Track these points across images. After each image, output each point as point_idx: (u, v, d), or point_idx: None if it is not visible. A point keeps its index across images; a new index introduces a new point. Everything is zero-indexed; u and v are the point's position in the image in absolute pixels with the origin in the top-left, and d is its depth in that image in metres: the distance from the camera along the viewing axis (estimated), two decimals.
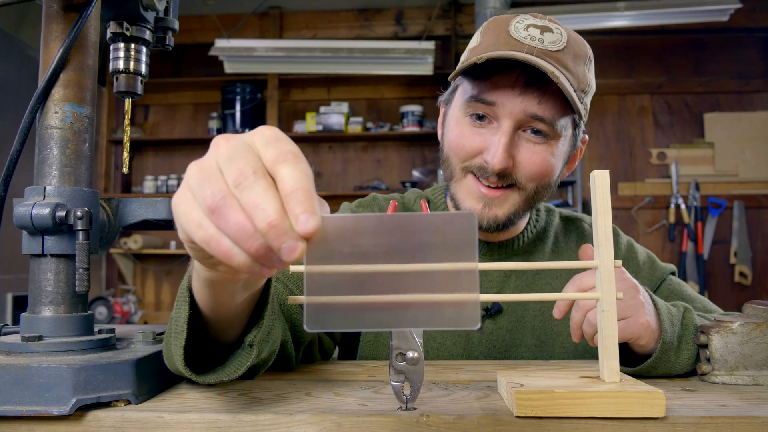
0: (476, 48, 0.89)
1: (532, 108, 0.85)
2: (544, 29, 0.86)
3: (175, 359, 0.57)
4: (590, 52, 0.91)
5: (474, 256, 0.39)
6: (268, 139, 0.39)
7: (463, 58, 0.93)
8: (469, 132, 0.89)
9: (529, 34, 0.85)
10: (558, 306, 0.73)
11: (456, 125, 0.92)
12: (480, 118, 0.88)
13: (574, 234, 1.08)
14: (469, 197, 0.91)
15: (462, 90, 0.92)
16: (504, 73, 0.85)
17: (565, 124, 0.89)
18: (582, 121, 0.93)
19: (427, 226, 0.40)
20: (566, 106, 0.87)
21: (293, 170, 0.37)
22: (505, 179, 0.88)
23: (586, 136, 0.99)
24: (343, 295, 0.39)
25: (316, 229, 0.35)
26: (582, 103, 0.87)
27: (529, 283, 1.01)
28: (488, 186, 0.89)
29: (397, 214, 0.41)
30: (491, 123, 0.88)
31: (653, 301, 0.76)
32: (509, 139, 0.86)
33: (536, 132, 0.87)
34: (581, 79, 0.86)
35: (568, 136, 0.91)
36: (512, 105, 0.85)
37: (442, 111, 1.01)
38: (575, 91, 0.84)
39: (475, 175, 0.90)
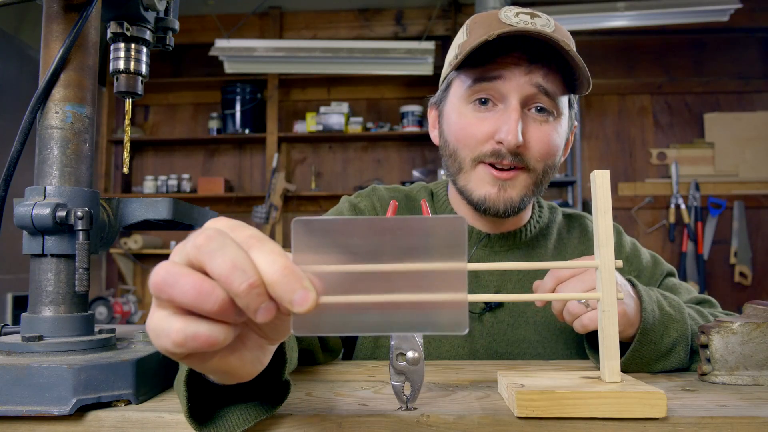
0: (467, 42, 0.90)
1: (538, 79, 0.87)
2: (533, 15, 0.88)
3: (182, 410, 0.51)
4: (573, 40, 0.93)
5: (463, 258, 0.39)
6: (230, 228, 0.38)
7: (453, 54, 0.94)
8: (475, 119, 0.90)
9: (521, 20, 0.87)
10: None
11: (459, 117, 0.92)
12: (484, 103, 0.89)
13: (577, 230, 1.08)
14: (483, 184, 0.91)
15: (460, 81, 0.93)
16: (505, 56, 0.87)
17: (565, 102, 0.92)
18: (576, 102, 0.96)
19: (416, 230, 0.39)
20: (566, 86, 0.89)
21: (264, 254, 0.36)
22: (518, 159, 0.89)
23: (576, 122, 1.01)
24: (333, 296, 0.39)
25: (314, 301, 0.35)
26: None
27: (530, 278, 1.00)
28: (501, 169, 0.90)
29: (387, 218, 0.40)
30: (496, 106, 0.89)
31: (632, 283, 0.80)
32: (519, 115, 0.87)
33: (541, 110, 0.89)
34: None
35: (567, 117, 0.94)
36: (518, 78, 0.87)
37: (433, 113, 1.02)
38: None
39: (485, 163, 0.91)
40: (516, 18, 0.87)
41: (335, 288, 0.39)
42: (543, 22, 0.87)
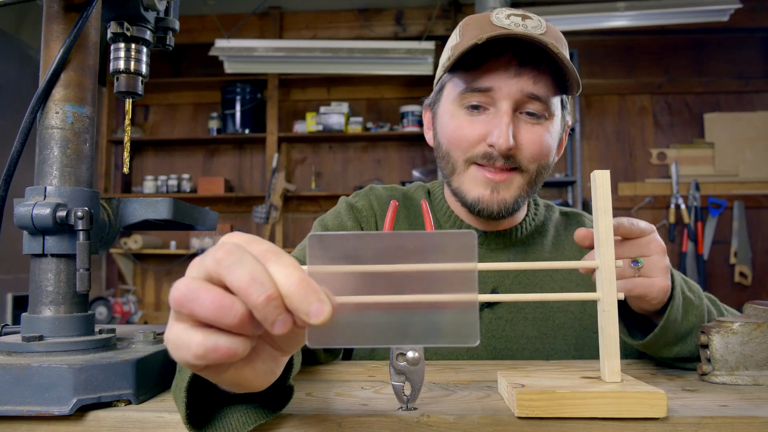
0: (459, 44, 0.90)
1: (528, 87, 0.87)
2: (524, 17, 0.89)
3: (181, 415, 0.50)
4: (565, 40, 0.93)
5: (474, 270, 0.40)
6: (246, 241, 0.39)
7: (446, 56, 0.94)
8: (467, 122, 0.91)
9: (512, 21, 0.87)
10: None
11: (451, 119, 0.93)
12: (476, 107, 0.90)
13: (575, 227, 1.07)
14: (476, 185, 0.91)
15: (452, 85, 0.93)
16: (496, 58, 0.87)
17: (557, 103, 0.92)
18: (568, 103, 0.96)
19: (427, 244, 0.41)
20: (556, 86, 0.89)
21: (280, 268, 0.36)
22: (510, 161, 0.89)
23: (569, 121, 1.01)
24: (346, 310, 0.40)
25: (330, 313, 0.36)
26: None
27: (528, 275, 1.00)
28: (494, 170, 0.90)
29: (398, 233, 0.42)
30: (487, 110, 0.90)
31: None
32: (510, 119, 0.87)
33: (531, 114, 0.89)
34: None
35: (559, 117, 0.94)
36: (509, 87, 0.87)
37: (428, 114, 1.02)
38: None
39: (478, 164, 0.91)
40: (507, 20, 0.87)
41: (347, 303, 0.40)
42: (534, 24, 0.87)
